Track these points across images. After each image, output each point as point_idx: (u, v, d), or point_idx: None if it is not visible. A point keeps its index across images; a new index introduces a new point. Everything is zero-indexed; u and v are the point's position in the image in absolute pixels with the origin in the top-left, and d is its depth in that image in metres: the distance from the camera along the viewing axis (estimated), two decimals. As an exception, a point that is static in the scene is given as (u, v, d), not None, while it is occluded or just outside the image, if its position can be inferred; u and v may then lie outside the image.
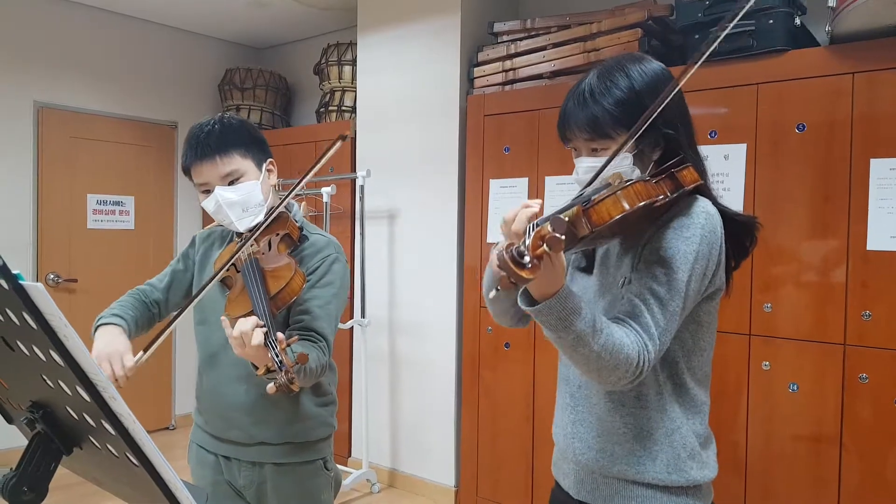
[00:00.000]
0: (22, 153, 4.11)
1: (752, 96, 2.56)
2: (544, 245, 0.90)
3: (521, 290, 1.05)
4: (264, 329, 1.29)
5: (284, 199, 1.44)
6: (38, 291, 0.65)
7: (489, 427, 3.33)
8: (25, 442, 0.88)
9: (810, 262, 2.44)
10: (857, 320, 2.35)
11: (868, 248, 2.33)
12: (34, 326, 0.68)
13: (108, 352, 1.43)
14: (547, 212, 1.06)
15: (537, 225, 0.95)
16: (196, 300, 1.42)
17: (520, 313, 1.42)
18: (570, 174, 1.24)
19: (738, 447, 2.57)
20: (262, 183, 1.56)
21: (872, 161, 2.33)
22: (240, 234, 1.58)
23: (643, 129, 1.05)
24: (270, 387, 1.27)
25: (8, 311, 0.71)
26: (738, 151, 2.58)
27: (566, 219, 0.95)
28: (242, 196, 1.52)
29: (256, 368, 1.35)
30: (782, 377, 2.49)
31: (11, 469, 0.84)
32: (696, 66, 1.00)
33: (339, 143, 1.28)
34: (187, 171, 1.57)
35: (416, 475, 3.70)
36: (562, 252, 0.95)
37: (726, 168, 2.61)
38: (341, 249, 1.63)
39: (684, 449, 1.18)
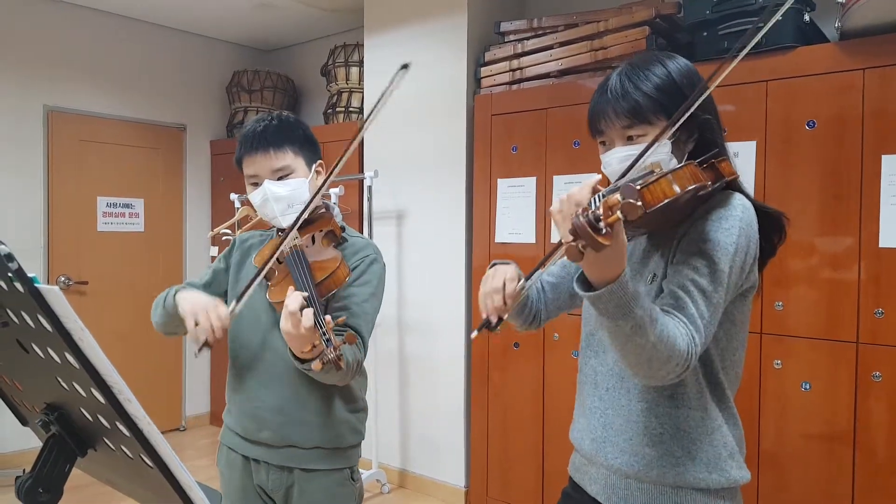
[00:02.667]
0: (32, 156, 4.14)
1: (761, 93, 2.55)
2: (618, 212, 0.83)
3: (577, 275, 1.01)
4: (312, 309, 1.29)
5: (327, 178, 1.42)
6: (55, 294, 0.66)
7: (499, 427, 3.33)
8: (39, 443, 0.89)
9: (822, 259, 2.43)
10: (870, 318, 2.33)
11: (880, 245, 2.31)
12: (50, 329, 0.68)
13: (202, 302, 1.43)
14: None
15: (603, 196, 0.90)
16: (260, 276, 1.42)
17: (530, 317, 1.41)
18: (578, 173, 1.24)
19: (750, 446, 2.56)
20: (309, 182, 1.59)
21: (884, 157, 2.31)
22: (281, 230, 1.59)
23: (687, 114, 1.04)
24: (316, 363, 1.27)
25: (23, 313, 0.72)
26: (748, 149, 2.56)
27: (638, 186, 0.86)
28: (290, 192, 1.55)
29: (299, 361, 1.36)
30: (795, 376, 2.48)
31: (26, 470, 0.85)
32: (738, 59, 1.00)
33: (400, 73, 1.24)
34: (239, 163, 1.61)
35: (427, 475, 3.70)
36: (638, 216, 0.85)
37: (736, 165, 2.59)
38: (380, 252, 1.64)
39: (725, 448, 1.16)
